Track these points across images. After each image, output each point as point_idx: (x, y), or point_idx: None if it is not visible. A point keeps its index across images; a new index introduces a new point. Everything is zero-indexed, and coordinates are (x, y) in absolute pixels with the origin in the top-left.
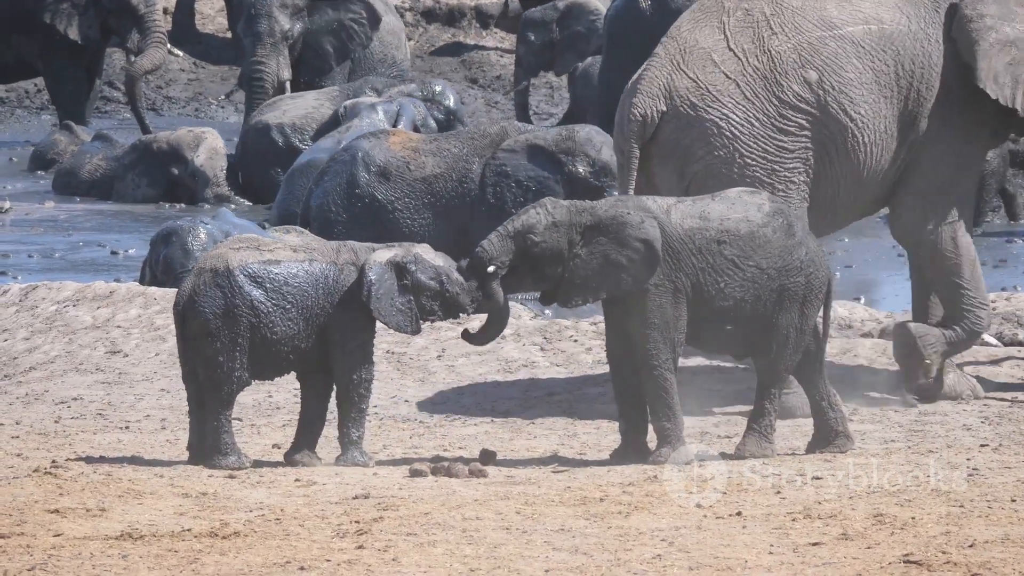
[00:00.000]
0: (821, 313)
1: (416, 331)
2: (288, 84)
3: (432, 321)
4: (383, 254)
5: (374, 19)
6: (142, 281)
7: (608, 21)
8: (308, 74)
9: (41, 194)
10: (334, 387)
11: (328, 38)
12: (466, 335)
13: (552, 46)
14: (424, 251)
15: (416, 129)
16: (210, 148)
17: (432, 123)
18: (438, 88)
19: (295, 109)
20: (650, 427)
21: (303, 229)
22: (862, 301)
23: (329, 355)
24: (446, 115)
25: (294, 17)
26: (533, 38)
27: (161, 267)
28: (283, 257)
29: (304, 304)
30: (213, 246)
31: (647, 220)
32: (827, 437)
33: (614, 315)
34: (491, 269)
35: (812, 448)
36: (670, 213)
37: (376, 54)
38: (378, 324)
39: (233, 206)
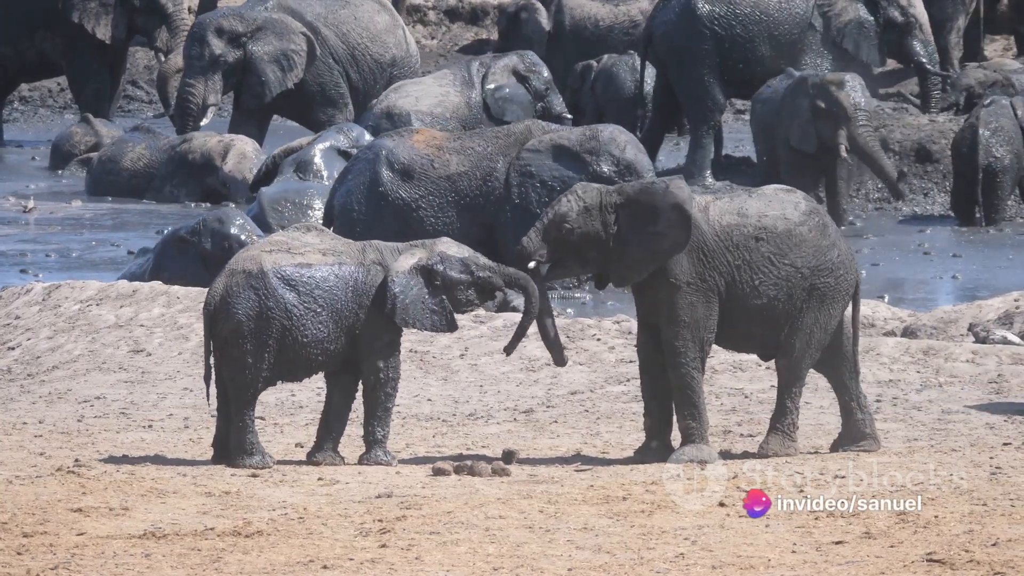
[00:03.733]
0: (850, 314)
1: (454, 328)
2: (212, 109)
3: (471, 311)
4: (405, 261)
5: (312, 54)
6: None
7: (667, 35)
8: (249, 99)
9: (67, 194)
10: (359, 387)
11: (271, 66)
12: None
13: (503, 37)
14: (447, 246)
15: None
16: (239, 153)
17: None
18: (534, 59)
19: (427, 97)
20: (675, 425)
21: (324, 228)
22: (886, 300)
23: (357, 355)
24: (545, 85)
25: (230, 43)
26: (499, 22)
27: (218, 247)
28: (315, 260)
29: (335, 307)
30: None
31: (672, 184)
32: (854, 438)
33: (645, 310)
34: (532, 265)
35: (836, 447)
36: (708, 210)
37: (374, 56)
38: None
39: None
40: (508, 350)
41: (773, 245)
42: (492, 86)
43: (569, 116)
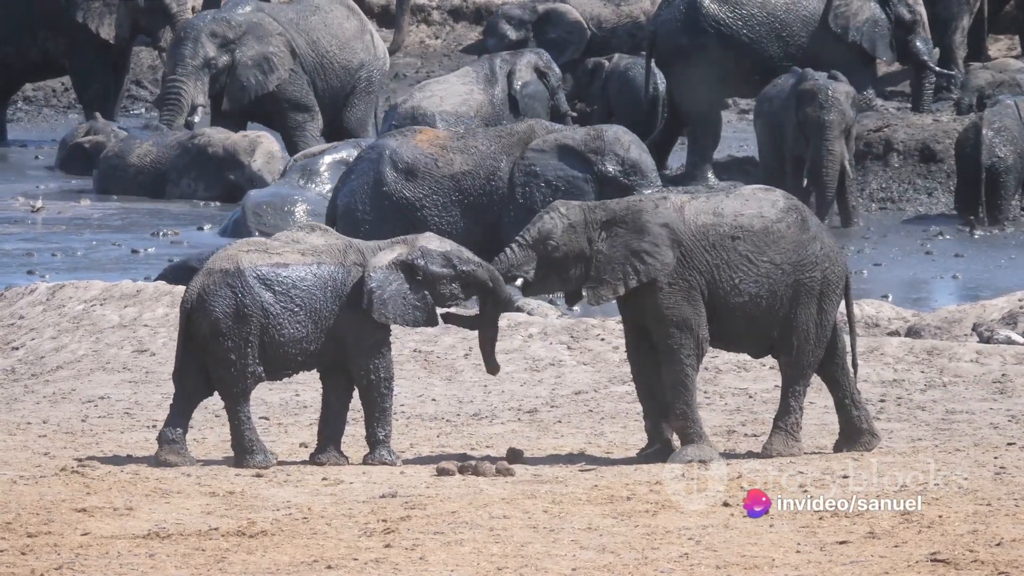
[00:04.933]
0: (842, 310)
1: (434, 323)
2: (201, 110)
3: (456, 304)
4: (384, 257)
5: (294, 54)
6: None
7: (670, 34)
8: (230, 102)
9: (75, 193)
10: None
11: (253, 71)
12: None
13: (523, 46)
14: (428, 240)
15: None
16: (267, 152)
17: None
18: (548, 56)
19: (451, 96)
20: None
21: (328, 227)
22: (890, 299)
23: (345, 356)
24: (557, 82)
25: (221, 48)
26: (509, 32)
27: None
28: (291, 260)
29: (312, 307)
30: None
31: (661, 204)
32: (852, 435)
33: (631, 314)
34: (519, 283)
35: (839, 447)
36: (683, 210)
37: (342, 63)
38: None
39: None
40: (491, 368)
41: (750, 243)
42: (519, 84)
43: (574, 114)
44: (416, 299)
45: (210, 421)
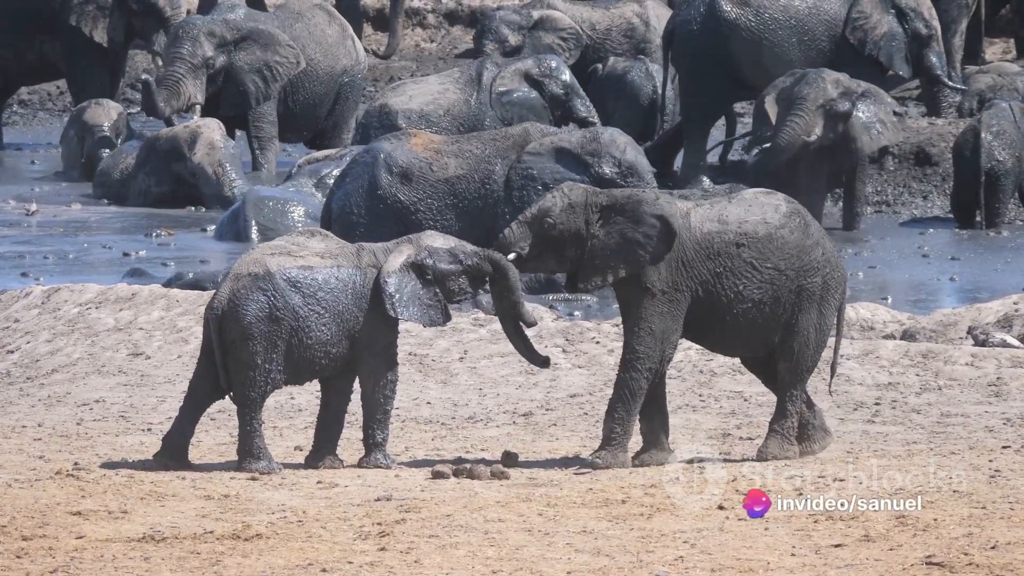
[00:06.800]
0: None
1: (448, 319)
2: (198, 108)
3: (464, 300)
4: (395, 260)
5: (298, 63)
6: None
7: (689, 35)
8: (228, 108)
9: (69, 196)
10: (354, 389)
11: (252, 76)
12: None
13: (518, 51)
14: (432, 239)
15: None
16: (207, 143)
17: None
18: (553, 64)
19: (421, 95)
20: (672, 427)
21: (327, 232)
22: (889, 301)
23: (355, 358)
24: (564, 90)
25: (219, 49)
26: (507, 35)
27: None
28: (315, 263)
29: (336, 309)
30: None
31: (662, 197)
32: (808, 433)
33: (624, 313)
34: (512, 256)
35: (802, 452)
36: (689, 217)
37: (325, 70)
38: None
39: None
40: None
41: (755, 250)
42: (501, 89)
43: (594, 120)
44: (429, 298)
45: (205, 424)
